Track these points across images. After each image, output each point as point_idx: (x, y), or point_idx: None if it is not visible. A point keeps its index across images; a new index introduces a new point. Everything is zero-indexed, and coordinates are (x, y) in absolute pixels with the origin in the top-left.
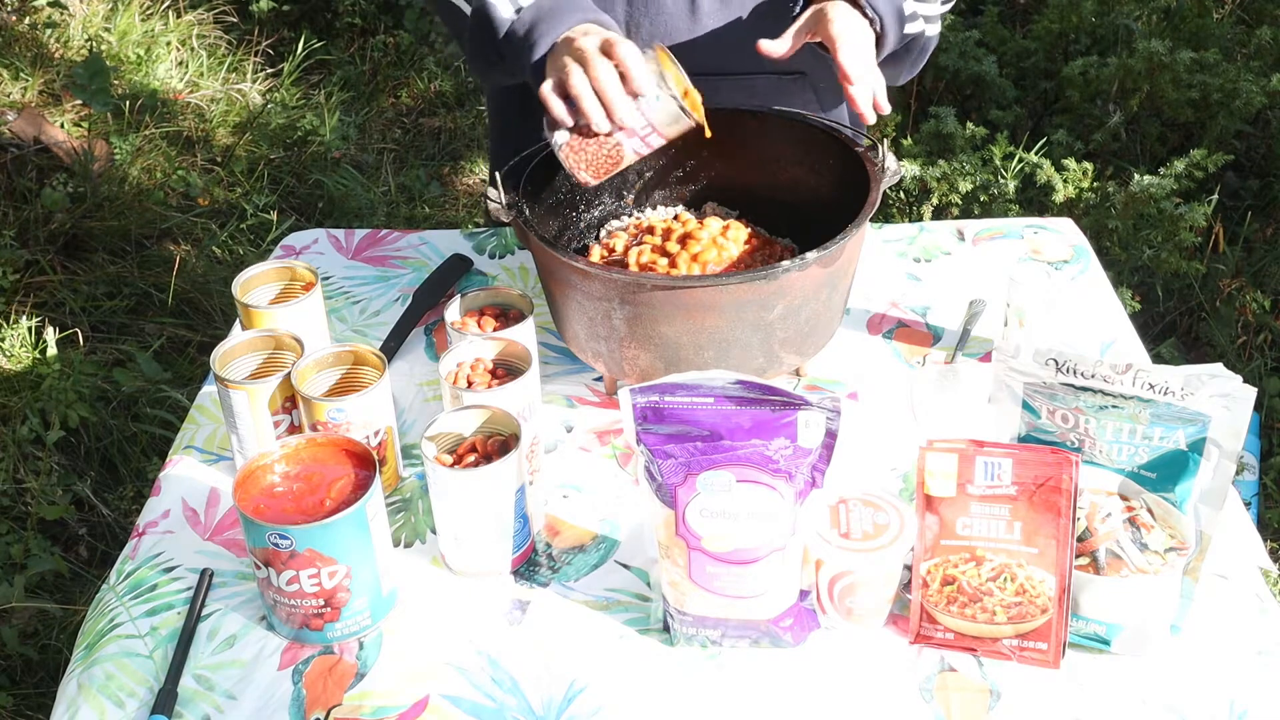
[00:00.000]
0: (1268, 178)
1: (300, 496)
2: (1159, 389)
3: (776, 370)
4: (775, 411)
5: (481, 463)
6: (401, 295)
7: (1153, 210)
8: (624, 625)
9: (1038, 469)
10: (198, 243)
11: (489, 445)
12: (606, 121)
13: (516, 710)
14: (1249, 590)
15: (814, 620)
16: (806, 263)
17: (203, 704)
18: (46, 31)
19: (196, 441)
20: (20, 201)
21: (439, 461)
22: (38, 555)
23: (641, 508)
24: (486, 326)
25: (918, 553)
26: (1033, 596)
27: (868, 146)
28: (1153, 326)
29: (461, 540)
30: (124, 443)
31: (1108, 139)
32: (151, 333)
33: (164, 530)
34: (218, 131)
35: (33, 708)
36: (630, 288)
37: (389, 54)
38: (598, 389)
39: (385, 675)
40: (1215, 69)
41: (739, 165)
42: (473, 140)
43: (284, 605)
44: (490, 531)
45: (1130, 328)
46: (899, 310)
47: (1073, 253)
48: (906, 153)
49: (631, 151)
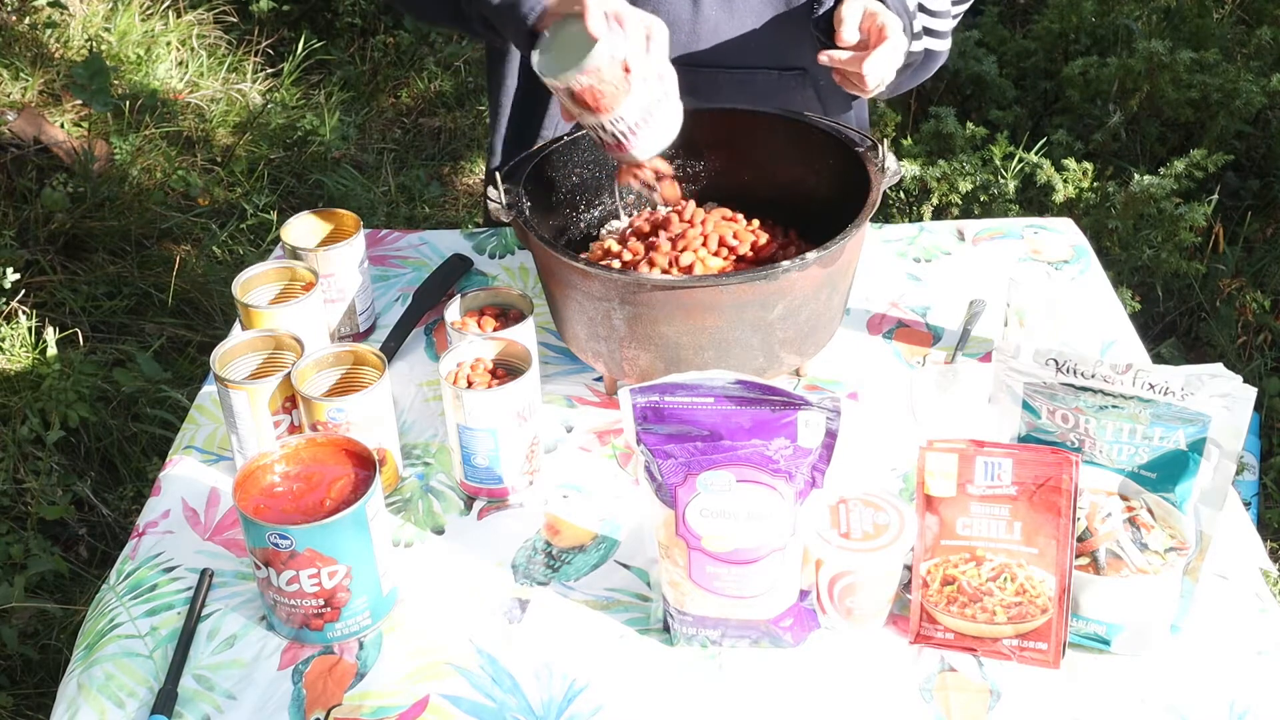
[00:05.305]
0: (1268, 178)
1: (300, 496)
2: (1159, 389)
3: (776, 370)
4: (775, 411)
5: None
6: (401, 295)
7: (1153, 210)
8: (624, 625)
9: (1038, 469)
10: (198, 243)
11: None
12: (643, 51)
13: (516, 710)
14: (1249, 590)
15: (814, 620)
16: (806, 263)
17: (203, 704)
18: (46, 31)
19: (196, 441)
20: (20, 201)
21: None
22: (38, 555)
23: (641, 508)
24: (486, 326)
25: (918, 553)
26: (1033, 596)
27: (868, 146)
28: (1153, 326)
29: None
30: (124, 443)
31: (1108, 139)
32: (151, 333)
33: (164, 530)
34: (218, 131)
35: (33, 708)
36: (630, 288)
37: (389, 54)
38: (598, 389)
39: (385, 675)
40: (1215, 69)
41: (739, 165)
42: (473, 140)
43: (284, 605)
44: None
45: (1130, 328)
46: (899, 310)
47: (1073, 253)
48: (906, 153)
49: (631, 108)
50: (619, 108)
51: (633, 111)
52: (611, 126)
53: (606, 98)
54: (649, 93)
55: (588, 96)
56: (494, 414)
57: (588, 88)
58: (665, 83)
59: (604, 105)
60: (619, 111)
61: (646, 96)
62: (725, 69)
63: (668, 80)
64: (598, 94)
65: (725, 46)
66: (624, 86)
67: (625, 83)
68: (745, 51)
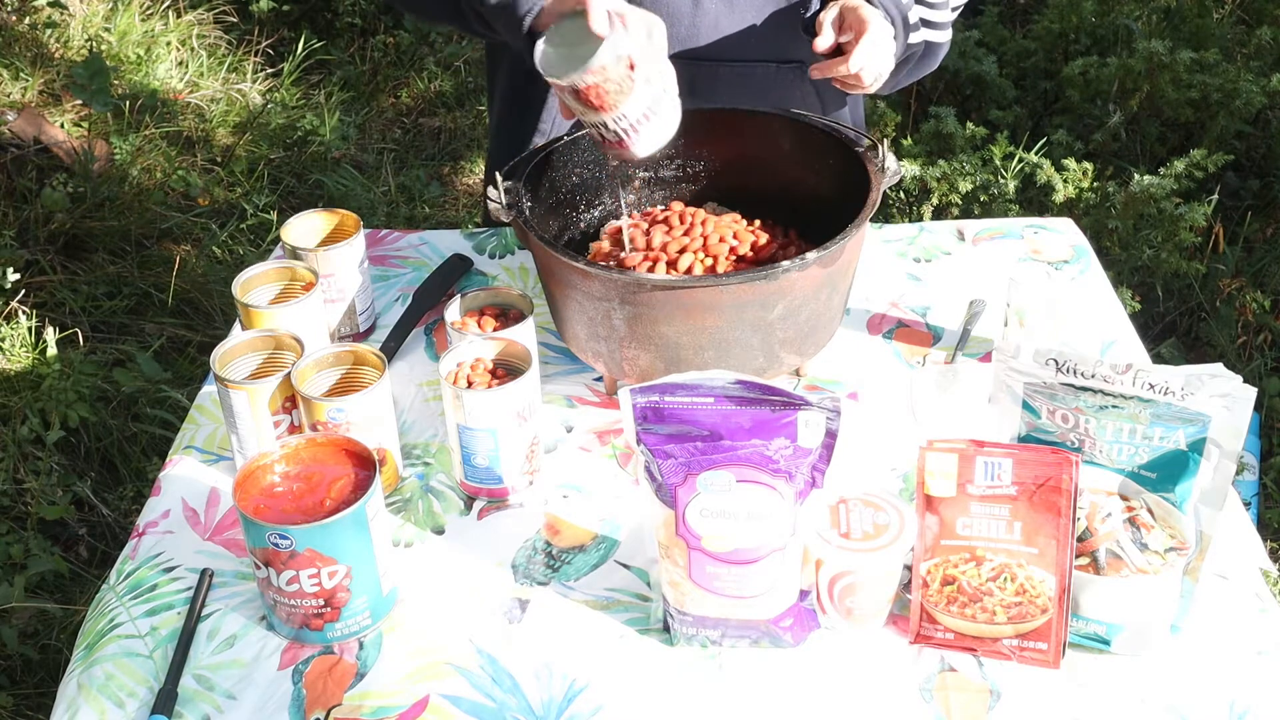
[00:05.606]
0: (1268, 178)
1: (300, 496)
2: (1159, 389)
3: (776, 370)
4: (775, 411)
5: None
6: (401, 295)
7: (1153, 210)
8: (624, 625)
9: (1038, 469)
10: (198, 243)
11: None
12: (646, 49)
13: (516, 710)
14: (1249, 590)
15: (814, 620)
16: (806, 263)
17: (203, 704)
18: (46, 31)
19: (196, 441)
20: (20, 201)
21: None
22: (38, 555)
23: (641, 508)
24: (486, 326)
25: (918, 553)
26: (1033, 596)
27: (868, 146)
28: (1153, 326)
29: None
30: (124, 443)
31: (1108, 139)
32: (151, 333)
33: (164, 530)
34: (218, 131)
35: (33, 708)
36: (630, 288)
37: (389, 54)
38: (598, 389)
39: (385, 675)
40: (1215, 69)
41: (739, 165)
42: (473, 140)
43: (284, 605)
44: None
45: (1130, 328)
46: (899, 310)
47: (1073, 253)
48: (906, 153)
49: (634, 106)
50: (622, 106)
51: (636, 109)
52: (615, 124)
53: (611, 96)
54: (651, 90)
55: (592, 95)
56: (494, 414)
57: (593, 86)
58: (665, 79)
59: (608, 104)
60: (622, 109)
61: (649, 94)
62: (724, 63)
63: (668, 77)
64: (603, 92)
65: (724, 40)
66: (628, 85)
67: (629, 81)
68: (744, 45)
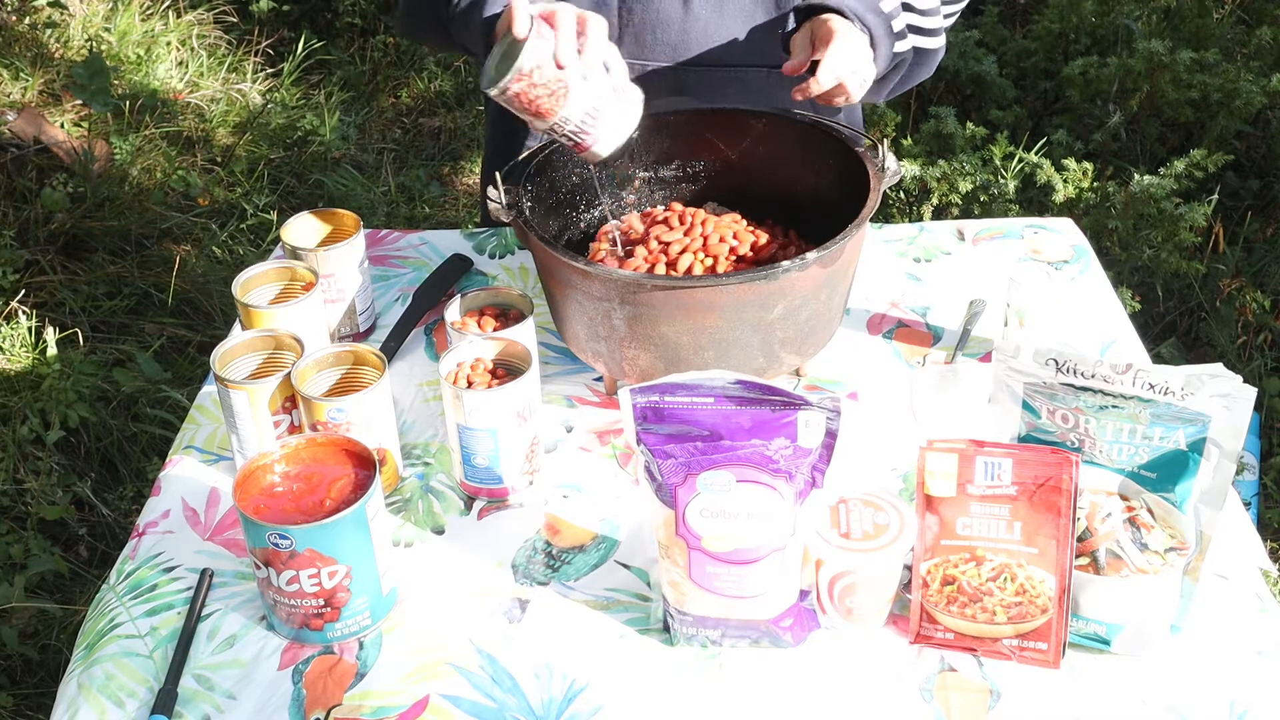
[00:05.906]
0: (1268, 178)
1: (300, 496)
2: (1159, 389)
3: (776, 370)
4: (775, 411)
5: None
6: (401, 295)
7: (1153, 210)
8: (624, 625)
9: (1038, 469)
10: (198, 243)
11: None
12: (573, 48)
13: (516, 710)
14: (1249, 590)
15: (814, 620)
16: (806, 263)
17: (203, 704)
18: (46, 31)
19: (196, 441)
20: (20, 201)
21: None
22: (38, 555)
23: (641, 508)
24: (486, 326)
25: (918, 553)
26: (1033, 596)
27: (868, 146)
28: (1153, 326)
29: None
30: (124, 443)
31: (1108, 139)
32: (151, 333)
33: (164, 530)
34: (218, 131)
35: (33, 708)
36: (630, 288)
37: (389, 54)
38: (598, 389)
39: (385, 675)
40: (1215, 69)
41: (739, 165)
42: (473, 140)
43: (284, 605)
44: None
45: (1130, 328)
46: (899, 310)
47: (1073, 253)
48: (906, 153)
49: (574, 107)
50: (562, 109)
51: (577, 110)
52: (563, 128)
53: (545, 100)
54: (591, 89)
55: (526, 101)
56: (494, 414)
57: (523, 92)
58: (613, 75)
59: (544, 109)
60: (563, 113)
61: (589, 93)
62: (716, 66)
63: (615, 73)
64: (534, 98)
65: (716, 44)
66: (561, 87)
67: (561, 83)
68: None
